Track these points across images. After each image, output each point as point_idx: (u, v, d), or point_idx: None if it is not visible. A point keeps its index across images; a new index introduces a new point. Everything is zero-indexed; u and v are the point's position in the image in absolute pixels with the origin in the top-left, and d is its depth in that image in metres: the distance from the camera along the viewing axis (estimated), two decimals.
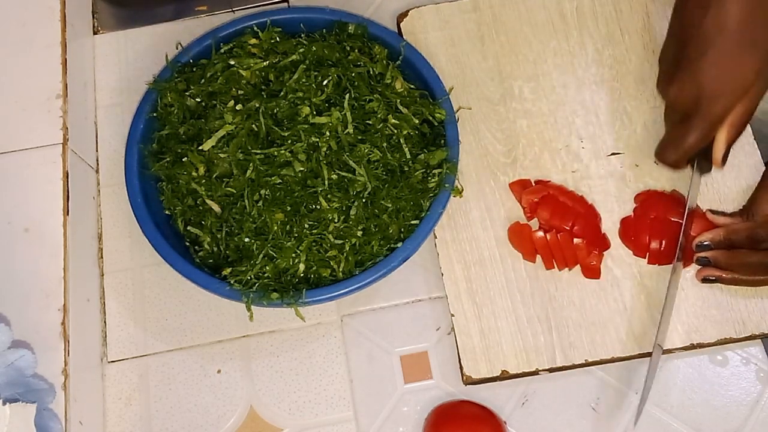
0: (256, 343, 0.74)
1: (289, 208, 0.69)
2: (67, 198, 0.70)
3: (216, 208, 0.70)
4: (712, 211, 0.73)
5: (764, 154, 0.77)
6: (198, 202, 0.71)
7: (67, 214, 0.69)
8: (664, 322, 0.69)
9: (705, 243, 0.70)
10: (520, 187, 0.76)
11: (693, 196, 0.73)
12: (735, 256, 0.69)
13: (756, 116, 0.70)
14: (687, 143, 0.68)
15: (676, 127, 0.70)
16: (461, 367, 0.71)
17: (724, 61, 0.65)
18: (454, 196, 0.75)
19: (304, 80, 0.72)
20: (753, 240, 0.68)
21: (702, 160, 0.73)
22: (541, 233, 0.73)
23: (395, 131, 0.72)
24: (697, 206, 0.74)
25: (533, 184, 0.76)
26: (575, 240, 0.72)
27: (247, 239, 0.69)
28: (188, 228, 0.72)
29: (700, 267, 0.71)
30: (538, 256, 0.73)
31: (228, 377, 0.73)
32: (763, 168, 0.75)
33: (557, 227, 0.72)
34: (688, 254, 0.72)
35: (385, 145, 0.71)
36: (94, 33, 0.85)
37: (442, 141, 0.73)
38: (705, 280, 0.71)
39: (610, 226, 0.75)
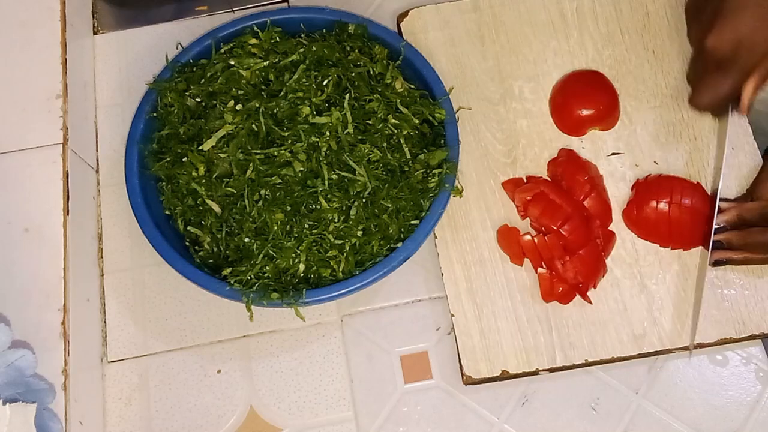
0: (256, 343, 0.74)
1: (289, 208, 0.69)
2: (67, 198, 0.70)
3: (216, 208, 0.70)
4: (720, 199, 0.74)
5: (764, 143, 0.78)
6: (198, 202, 0.71)
7: (67, 214, 0.69)
8: (696, 316, 0.71)
9: (720, 226, 0.72)
10: (513, 186, 0.75)
11: (727, 140, 0.75)
12: (748, 235, 0.71)
13: (754, 107, 0.73)
14: (724, 89, 0.73)
15: (712, 74, 0.73)
16: (461, 367, 0.71)
17: (764, 14, 0.70)
18: (454, 196, 0.75)
19: (304, 80, 0.72)
20: (766, 218, 0.70)
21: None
22: (528, 237, 0.72)
23: (395, 131, 0.72)
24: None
25: (525, 182, 0.76)
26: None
27: (247, 239, 0.69)
28: (188, 228, 0.72)
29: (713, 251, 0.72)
30: (526, 260, 0.73)
31: (228, 377, 0.73)
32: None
33: (546, 226, 0.72)
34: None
35: (385, 145, 0.71)
36: (94, 33, 0.85)
37: (442, 141, 0.73)
38: (716, 264, 0.72)
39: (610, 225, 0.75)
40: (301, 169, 0.70)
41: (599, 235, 0.73)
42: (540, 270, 0.72)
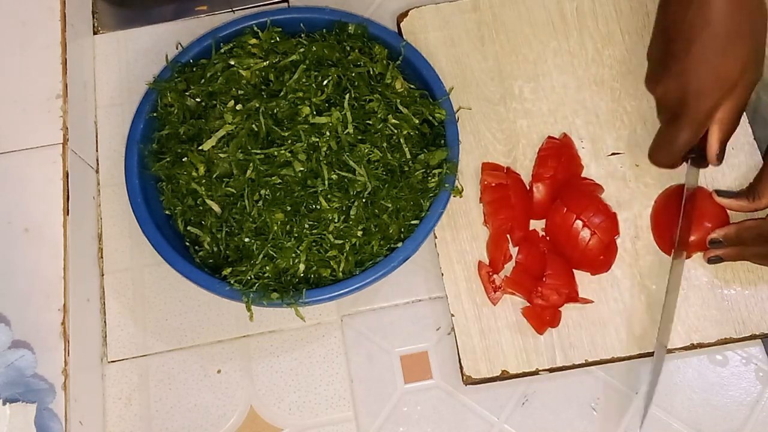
0: (256, 343, 0.74)
1: (289, 208, 0.69)
2: (67, 198, 0.70)
3: (216, 208, 0.70)
4: (718, 192, 0.73)
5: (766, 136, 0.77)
6: (198, 202, 0.71)
7: (67, 214, 0.69)
8: (666, 319, 0.69)
9: (718, 239, 0.71)
10: (487, 168, 0.76)
11: (689, 188, 0.72)
12: (746, 250, 0.70)
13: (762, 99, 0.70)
14: (677, 144, 0.68)
15: (666, 127, 0.69)
16: (461, 367, 0.71)
17: (709, 58, 0.63)
18: (454, 196, 0.75)
19: (304, 80, 0.72)
20: (764, 238, 0.68)
21: (698, 156, 0.72)
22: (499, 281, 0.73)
23: (395, 131, 0.72)
24: (701, 188, 0.74)
25: (504, 170, 0.76)
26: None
27: (247, 239, 0.69)
28: (188, 228, 0.72)
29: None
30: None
31: (228, 377, 0.73)
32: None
33: (493, 217, 0.73)
34: (692, 245, 0.72)
35: (385, 145, 0.71)
36: (94, 33, 0.85)
37: (442, 141, 0.73)
38: (710, 261, 0.71)
39: None
40: (301, 169, 0.70)
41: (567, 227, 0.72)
42: (523, 307, 0.72)
